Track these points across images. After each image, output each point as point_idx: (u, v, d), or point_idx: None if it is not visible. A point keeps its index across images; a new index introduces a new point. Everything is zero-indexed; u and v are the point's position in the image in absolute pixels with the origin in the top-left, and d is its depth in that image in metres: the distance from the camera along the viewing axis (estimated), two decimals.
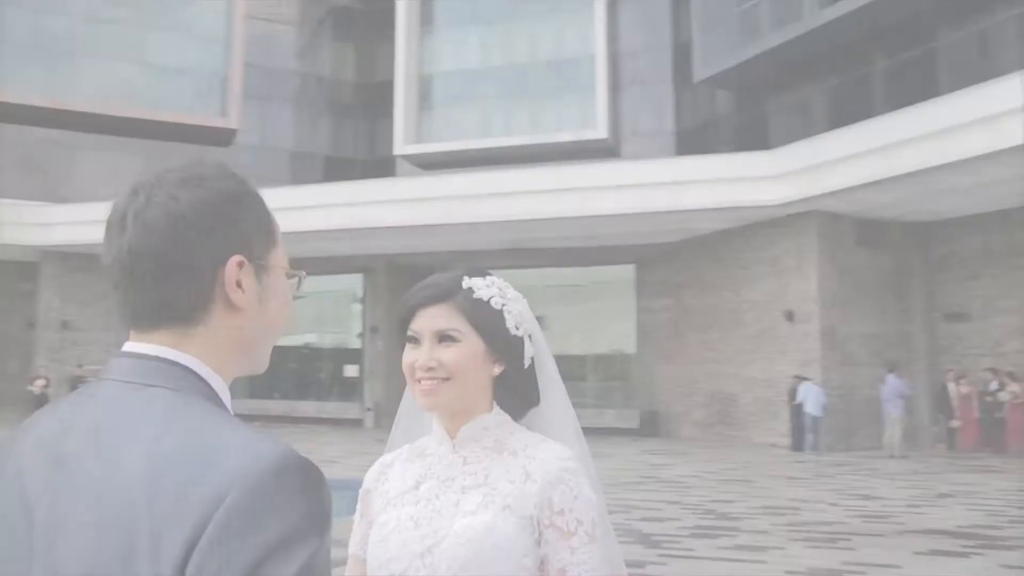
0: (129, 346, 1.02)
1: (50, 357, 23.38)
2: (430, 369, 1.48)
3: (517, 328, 1.55)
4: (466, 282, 1.54)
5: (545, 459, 1.47)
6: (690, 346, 20.94)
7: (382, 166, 31.25)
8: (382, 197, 20.64)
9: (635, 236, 20.68)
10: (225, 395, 1.02)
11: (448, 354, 1.48)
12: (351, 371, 25.49)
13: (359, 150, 34.60)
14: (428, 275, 1.60)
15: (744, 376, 19.29)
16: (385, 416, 23.79)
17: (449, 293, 1.52)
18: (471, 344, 1.49)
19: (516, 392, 1.57)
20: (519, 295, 1.62)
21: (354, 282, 24.66)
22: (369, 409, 24.05)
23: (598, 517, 1.45)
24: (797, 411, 16.77)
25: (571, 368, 23.15)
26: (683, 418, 21.04)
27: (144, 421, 0.92)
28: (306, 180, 30.09)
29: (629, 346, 22.38)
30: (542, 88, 30.05)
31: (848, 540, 8.21)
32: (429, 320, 1.50)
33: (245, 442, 0.90)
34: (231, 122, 29.38)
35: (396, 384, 21.93)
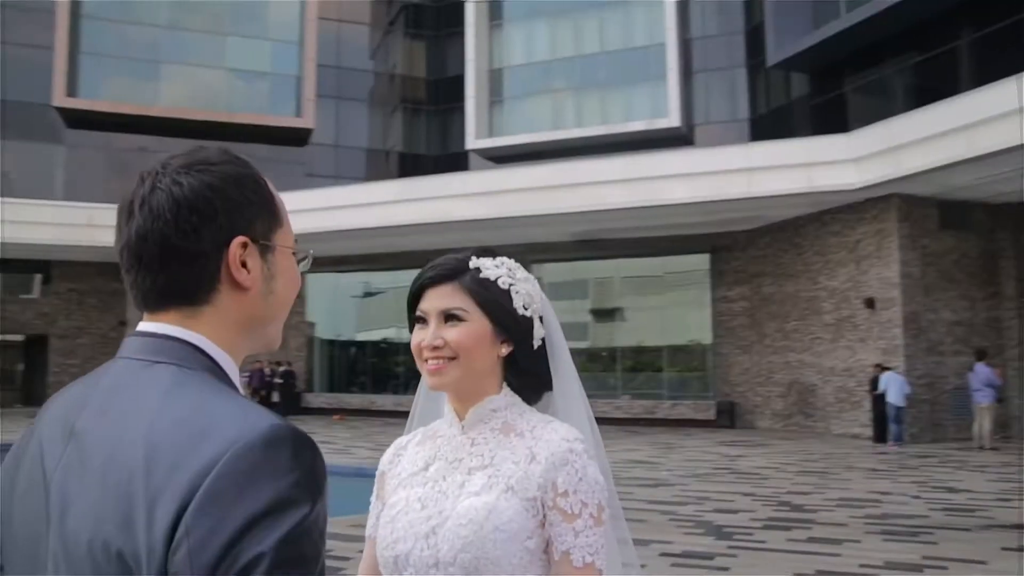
0: (141, 326, 1.05)
1: None
2: (436, 348, 1.47)
3: (526, 308, 1.53)
4: (474, 262, 1.53)
5: (551, 440, 1.45)
6: (767, 335, 20.52)
7: (454, 161, 31.46)
8: (453, 191, 20.78)
9: (709, 225, 20.35)
10: (232, 371, 1.05)
11: (453, 333, 1.47)
12: None
13: (432, 146, 34.93)
14: None
15: (823, 366, 18.81)
16: None
17: (456, 273, 1.51)
18: (477, 323, 1.48)
19: (527, 374, 1.55)
20: (529, 276, 1.60)
21: None
22: None
23: (605, 502, 1.43)
24: (879, 401, 16.25)
25: (647, 360, 22.99)
26: (761, 409, 20.64)
27: (148, 395, 0.96)
28: (380, 177, 30.56)
29: (705, 336, 22.03)
30: (612, 78, 29.81)
31: (930, 534, 7.93)
32: (435, 300, 1.50)
33: (238, 415, 0.92)
34: (306, 122, 30.01)
35: None
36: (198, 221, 1.03)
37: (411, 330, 1.54)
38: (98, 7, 28.68)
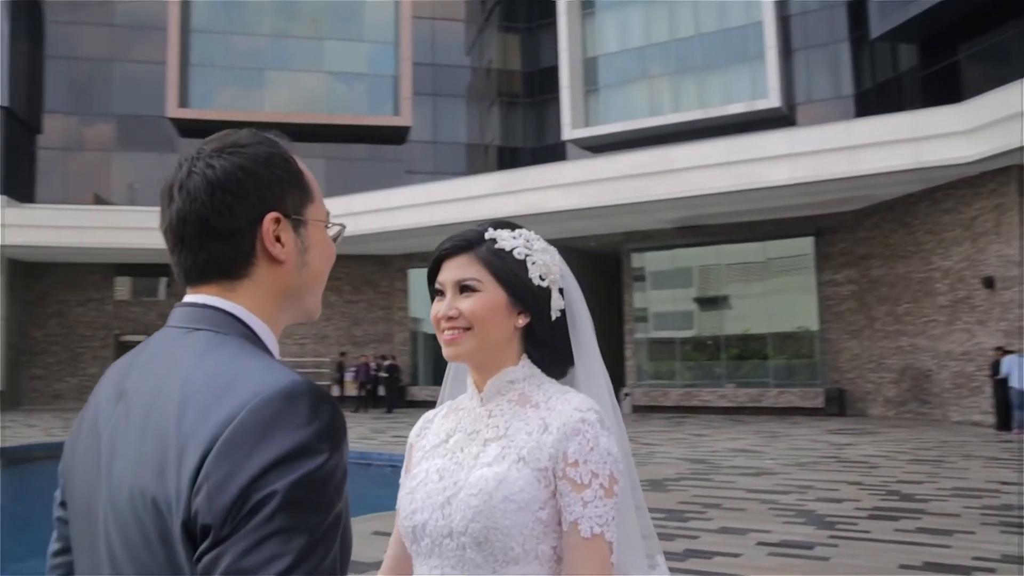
0: (185, 298, 1.13)
1: None
2: (451, 319, 1.48)
3: (542, 279, 1.52)
4: (490, 233, 1.53)
5: (563, 410, 1.44)
6: (878, 319, 19.72)
7: (551, 153, 31.46)
8: (549, 182, 20.77)
9: (813, 206, 19.70)
10: (268, 338, 1.12)
11: (467, 303, 1.48)
12: None
13: (529, 138, 35.02)
14: (599, 259, 1.60)
15: (939, 350, 17.94)
16: None
17: (471, 244, 1.52)
18: (492, 294, 1.48)
19: (546, 346, 1.54)
20: (549, 247, 1.58)
21: None
22: None
23: (619, 474, 1.41)
24: (1001, 386, 15.39)
25: (753, 347, 22.44)
26: (872, 396, 19.86)
27: (185, 356, 1.03)
28: (479, 172, 30.85)
29: (811, 322, 21.35)
30: (709, 61, 29.17)
31: None
32: (451, 271, 1.51)
33: (263, 371, 0.98)
34: (403, 120, 30.55)
35: None
36: (232, 200, 1.09)
37: (432, 302, 1.55)
38: (206, 21, 29.98)
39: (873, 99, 25.64)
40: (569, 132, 30.85)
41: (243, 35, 30.41)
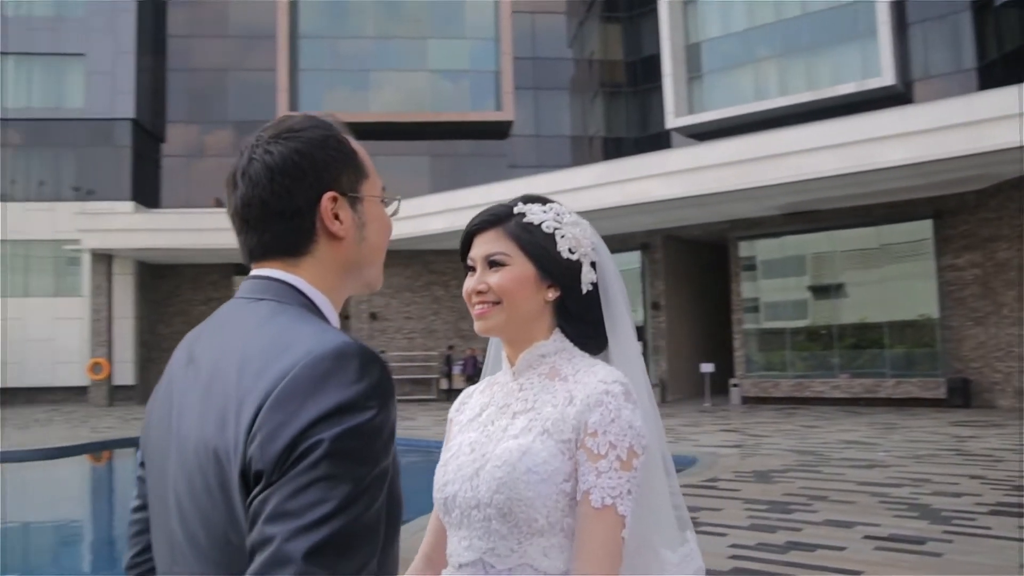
0: (252, 272, 1.22)
1: None
2: (480, 293, 1.51)
3: (571, 252, 1.52)
4: (519, 207, 1.54)
5: (589, 382, 1.43)
6: (1005, 305, 18.60)
7: (656, 142, 30.99)
8: (653, 171, 20.46)
9: (931, 187, 18.76)
10: (327, 309, 1.19)
11: (496, 278, 1.50)
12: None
13: (632, 128, 34.64)
14: (705, 248, 1.60)
15: None
16: (671, 391, 23.75)
17: (500, 219, 1.53)
18: (520, 267, 1.50)
19: (579, 321, 1.53)
20: (580, 220, 1.58)
21: (633, 259, 24.71)
22: (656, 385, 24.10)
23: (640, 448, 1.38)
24: None
25: (869, 336, 21.58)
26: (1001, 387, 18.75)
27: (249, 322, 1.12)
28: (583, 163, 30.72)
29: (931, 309, 20.32)
30: (818, 40, 28.11)
31: None
32: (481, 246, 1.53)
33: (317, 334, 1.06)
34: (506, 115, 30.72)
35: (680, 360, 21.69)
36: (290, 183, 1.17)
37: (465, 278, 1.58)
38: (313, 27, 30.94)
39: (999, 71, 24.14)
40: (673, 120, 30.34)
41: (348, 39, 31.24)
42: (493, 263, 1.50)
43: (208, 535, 1.03)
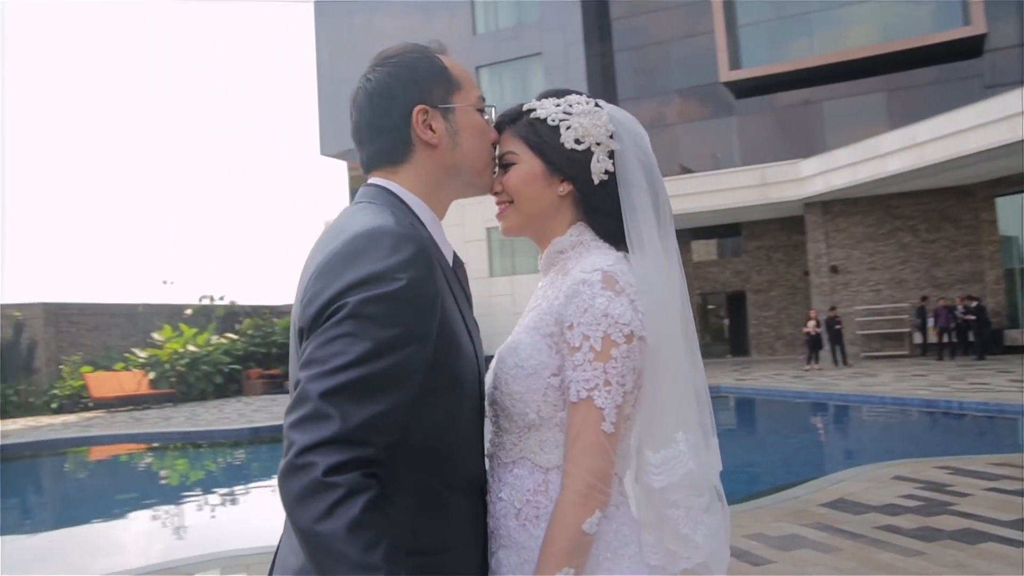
0: (367, 181, 1.45)
1: (822, 301, 24.80)
2: (496, 194, 1.53)
3: (578, 142, 1.48)
4: (528, 105, 1.54)
5: (574, 272, 1.41)
6: None
7: None
8: None
9: None
10: (420, 209, 1.38)
11: (506, 177, 1.51)
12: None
13: None
14: None
15: None
16: None
17: (510, 120, 1.54)
18: (527, 165, 1.49)
19: (599, 212, 1.49)
20: (594, 109, 1.51)
21: None
22: None
23: (620, 337, 1.32)
24: None
25: None
26: None
27: (342, 221, 1.34)
28: None
29: None
30: None
31: None
32: (498, 148, 1.55)
33: (370, 218, 1.26)
34: (977, 28, 26.75)
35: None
36: (386, 103, 1.38)
37: None
38: None
39: None
40: None
41: None
42: (505, 164, 1.51)
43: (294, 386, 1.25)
